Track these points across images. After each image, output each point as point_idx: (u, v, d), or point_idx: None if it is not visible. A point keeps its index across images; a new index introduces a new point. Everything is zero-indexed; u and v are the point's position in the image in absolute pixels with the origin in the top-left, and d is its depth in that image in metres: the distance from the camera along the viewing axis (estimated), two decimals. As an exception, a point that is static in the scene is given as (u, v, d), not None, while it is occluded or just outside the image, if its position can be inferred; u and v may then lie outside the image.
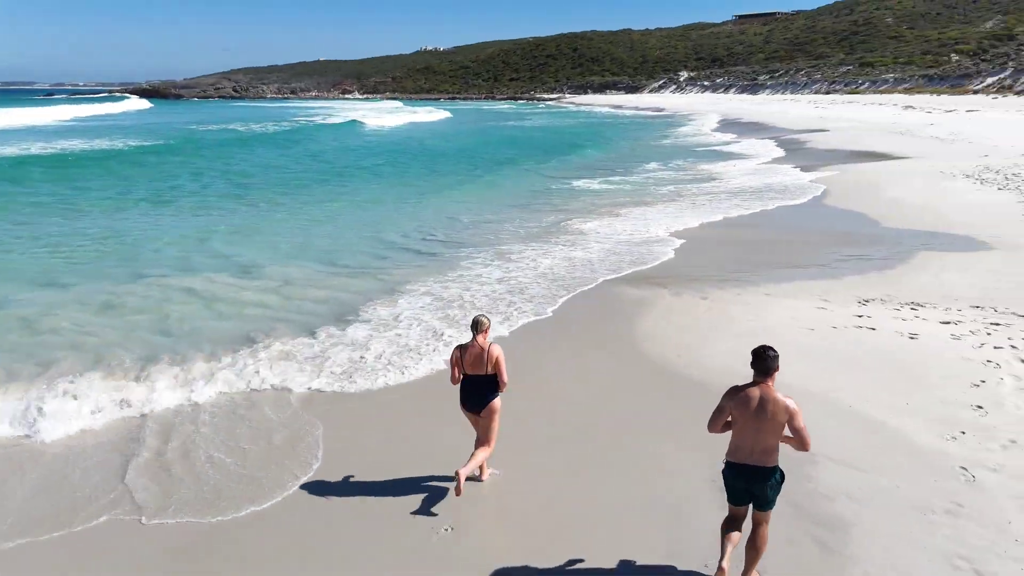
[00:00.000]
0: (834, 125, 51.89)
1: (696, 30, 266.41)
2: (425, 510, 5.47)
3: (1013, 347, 8.00)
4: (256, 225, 17.76)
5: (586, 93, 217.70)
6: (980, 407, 6.56)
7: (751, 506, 4.53)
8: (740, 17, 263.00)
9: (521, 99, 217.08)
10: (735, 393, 4.45)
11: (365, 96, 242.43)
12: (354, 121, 69.57)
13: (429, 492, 5.73)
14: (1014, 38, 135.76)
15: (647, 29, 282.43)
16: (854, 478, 5.62)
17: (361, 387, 7.83)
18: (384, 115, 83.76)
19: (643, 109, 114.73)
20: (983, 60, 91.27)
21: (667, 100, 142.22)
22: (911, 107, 69.16)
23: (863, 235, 15.50)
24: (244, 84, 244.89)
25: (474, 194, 23.70)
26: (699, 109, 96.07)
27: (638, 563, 4.83)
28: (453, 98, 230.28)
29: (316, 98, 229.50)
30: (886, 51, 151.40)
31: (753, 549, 4.55)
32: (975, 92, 76.44)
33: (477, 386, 5.71)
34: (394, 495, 5.69)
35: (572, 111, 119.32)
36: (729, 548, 4.44)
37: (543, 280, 12.01)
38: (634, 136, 55.17)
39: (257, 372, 8.07)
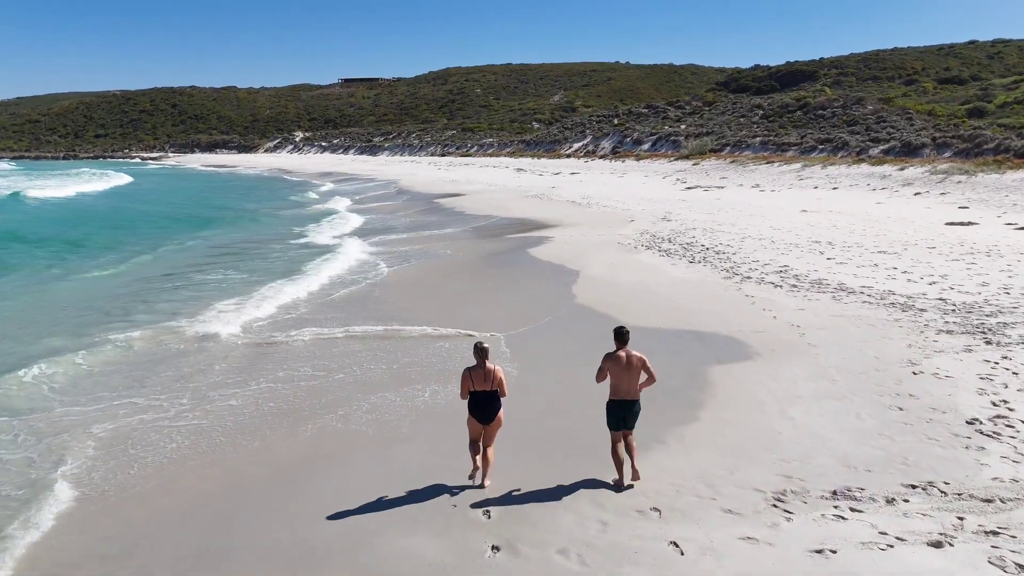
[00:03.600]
0: (467, 188, 52.42)
1: (305, 91, 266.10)
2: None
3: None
4: None
5: (193, 152, 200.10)
6: None
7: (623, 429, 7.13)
8: (346, 81, 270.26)
9: (114, 157, 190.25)
10: (610, 356, 7.21)
11: None
12: (16, 193, 54.53)
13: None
14: (575, 109, 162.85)
15: (253, 88, 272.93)
16: None
17: None
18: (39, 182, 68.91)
19: (265, 170, 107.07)
20: (566, 128, 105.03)
21: (288, 161, 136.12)
22: (522, 169, 75.05)
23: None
24: None
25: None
26: (330, 171, 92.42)
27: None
28: (21, 156, 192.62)
29: None
30: (480, 118, 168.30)
31: (630, 451, 7.10)
32: (567, 156, 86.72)
33: (486, 401, 7.13)
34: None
35: (204, 172, 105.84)
36: (624, 466, 7.06)
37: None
38: (269, 203, 48.62)
39: None
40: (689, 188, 43.93)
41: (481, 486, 7.17)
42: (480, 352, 7.18)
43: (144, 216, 41.13)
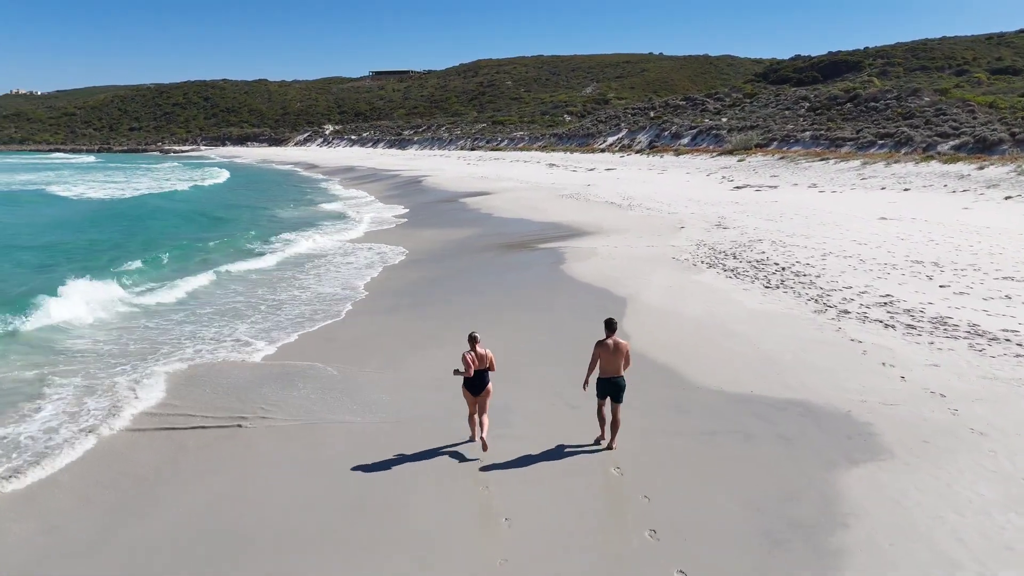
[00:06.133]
0: (496, 186, 49.18)
1: (336, 84, 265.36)
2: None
3: None
4: None
5: (224, 145, 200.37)
6: None
7: (609, 400, 8.45)
8: (376, 73, 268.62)
9: (149, 151, 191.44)
10: (600, 344, 8.41)
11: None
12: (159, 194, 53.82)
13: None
14: (608, 101, 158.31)
15: (284, 81, 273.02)
16: None
17: None
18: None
19: (292, 164, 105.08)
20: (600, 121, 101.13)
21: (316, 155, 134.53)
22: (554, 165, 71.60)
23: (703, 409, 9.26)
24: None
25: None
26: (355, 165, 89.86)
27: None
28: (56, 149, 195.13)
29: None
30: (511, 111, 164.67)
31: (615, 424, 8.45)
32: (601, 151, 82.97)
33: (480, 377, 8.46)
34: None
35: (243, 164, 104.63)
36: (604, 425, 8.54)
37: None
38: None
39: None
40: (738, 188, 40.15)
41: (483, 448, 8.41)
42: (473, 340, 8.53)
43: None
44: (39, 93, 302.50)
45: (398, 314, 15.63)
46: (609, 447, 8.42)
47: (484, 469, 8.12)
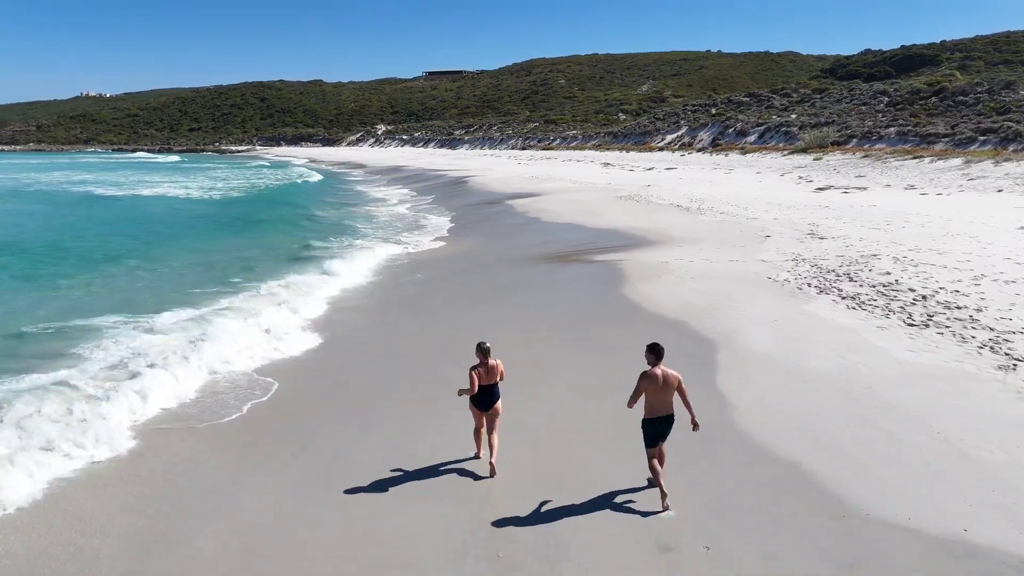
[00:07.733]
0: (547, 186, 45.37)
1: (389, 84, 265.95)
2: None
3: None
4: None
5: (279, 145, 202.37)
6: None
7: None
8: (430, 74, 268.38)
9: (206, 151, 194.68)
10: (645, 376, 6.99)
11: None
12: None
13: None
14: (665, 99, 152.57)
15: (340, 81, 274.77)
16: None
17: None
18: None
19: (342, 164, 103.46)
20: (658, 119, 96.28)
21: (367, 155, 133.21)
22: (609, 164, 67.51)
23: (893, 571, 5.36)
24: None
25: None
26: (403, 165, 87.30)
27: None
28: (120, 149, 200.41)
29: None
30: (564, 110, 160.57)
31: (661, 462, 6.95)
32: (660, 149, 78.35)
33: (489, 392, 7.80)
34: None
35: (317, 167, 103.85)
36: (662, 480, 6.79)
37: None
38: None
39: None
40: (820, 189, 35.41)
41: (491, 474, 7.60)
42: (483, 352, 7.84)
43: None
44: (107, 95, 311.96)
45: (417, 357, 12.01)
46: (662, 495, 6.94)
47: None
